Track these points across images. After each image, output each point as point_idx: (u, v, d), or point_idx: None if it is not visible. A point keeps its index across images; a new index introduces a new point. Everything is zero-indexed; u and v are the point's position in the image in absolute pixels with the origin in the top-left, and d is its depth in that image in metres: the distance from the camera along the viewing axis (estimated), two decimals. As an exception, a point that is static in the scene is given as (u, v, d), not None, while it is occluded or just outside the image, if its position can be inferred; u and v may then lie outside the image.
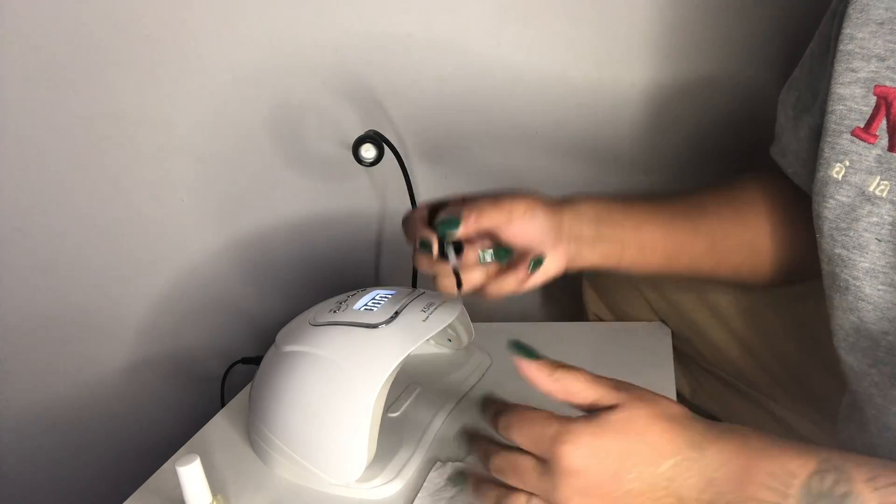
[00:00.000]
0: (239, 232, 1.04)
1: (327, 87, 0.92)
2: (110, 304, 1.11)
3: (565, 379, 0.45)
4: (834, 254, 0.49)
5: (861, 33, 0.47)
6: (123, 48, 0.93)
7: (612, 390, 0.44)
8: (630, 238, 0.59)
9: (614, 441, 0.42)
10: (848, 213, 0.48)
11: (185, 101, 0.95)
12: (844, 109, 0.48)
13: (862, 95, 0.47)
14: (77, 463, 1.24)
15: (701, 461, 0.41)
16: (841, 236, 0.49)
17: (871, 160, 0.46)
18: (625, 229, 0.59)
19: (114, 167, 1.01)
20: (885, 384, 0.49)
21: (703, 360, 0.82)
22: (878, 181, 0.46)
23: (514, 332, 0.83)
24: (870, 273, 0.48)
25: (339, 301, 0.67)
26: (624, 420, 0.42)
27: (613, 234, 0.58)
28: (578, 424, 0.42)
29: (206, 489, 0.55)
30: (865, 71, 0.47)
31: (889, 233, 0.46)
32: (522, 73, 0.87)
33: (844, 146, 0.48)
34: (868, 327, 0.49)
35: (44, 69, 0.96)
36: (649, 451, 0.42)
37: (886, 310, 0.48)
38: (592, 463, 0.41)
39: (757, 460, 0.41)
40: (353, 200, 0.99)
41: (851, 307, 0.50)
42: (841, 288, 0.50)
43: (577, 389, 0.44)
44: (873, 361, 0.49)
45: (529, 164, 0.92)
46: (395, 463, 0.62)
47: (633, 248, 0.59)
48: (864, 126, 0.47)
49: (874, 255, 0.47)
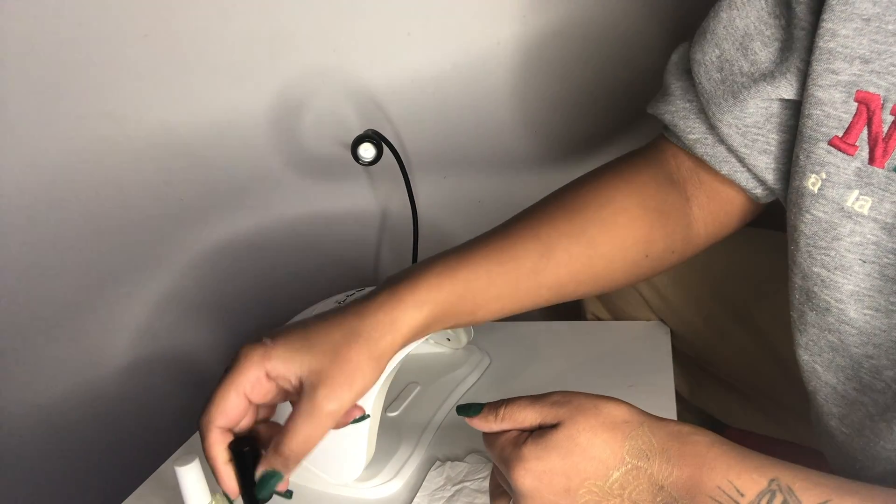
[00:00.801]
0: (238, 232, 1.04)
1: (327, 87, 0.92)
2: (110, 303, 1.11)
3: (510, 413, 0.46)
4: (812, 272, 0.46)
5: (844, 30, 0.41)
6: (123, 48, 0.93)
7: (553, 408, 0.45)
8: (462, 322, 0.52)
9: (559, 461, 0.43)
10: (827, 230, 0.45)
11: (185, 101, 0.95)
12: (821, 115, 0.43)
13: (842, 101, 0.42)
14: (77, 463, 1.24)
15: (648, 469, 0.42)
16: (820, 255, 0.46)
17: (849, 173, 0.43)
18: (459, 318, 0.51)
19: (114, 167, 1.01)
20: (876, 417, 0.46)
21: (701, 359, 0.82)
22: (857, 195, 0.43)
23: (513, 332, 0.84)
24: (854, 296, 0.45)
25: (338, 301, 0.67)
26: (566, 438, 0.43)
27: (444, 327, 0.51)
28: (526, 449, 0.44)
29: (205, 489, 0.55)
30: (847, 73, 0.42)
31: (874, 253, 0.43)
32: (522, 72, 0.87)
33: (821, 156, 0.44)
34: (849, 349, 0.47)
35: (44, 69, 0.96)
36: (595, 464, 0.43)
37: (872, 335, 0.45)
38: (542, 485, 0.43)
39: (707, 472, 0.40)
40: (352, 200, 0.99)
41: (832, 328, 0.47)
42: (819, 308, 0.47)
43: (523, 417, 0.45)
44: (860, 386, 0.47)
45: (529, 164, 0.92)
46: (395, 462, 0.62)
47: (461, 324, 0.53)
48: (842, 135, 0.43)
49: (858, 276, 0.44)
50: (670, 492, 0.42)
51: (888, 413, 0.45)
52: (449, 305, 0.49)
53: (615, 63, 0.85)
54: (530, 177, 0.92)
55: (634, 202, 0.55)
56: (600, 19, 0.83)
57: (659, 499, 0.42)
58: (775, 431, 0.79)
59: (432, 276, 0.49)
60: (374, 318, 0.46)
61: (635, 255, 0.55)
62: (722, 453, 0.41)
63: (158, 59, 0.93)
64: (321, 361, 0.44)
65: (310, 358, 0.45)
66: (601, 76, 0.86)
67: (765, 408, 0.78)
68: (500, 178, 0.93)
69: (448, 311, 0.49)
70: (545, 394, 0.46)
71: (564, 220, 0.54)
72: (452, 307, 0.50)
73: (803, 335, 0.50)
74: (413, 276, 0.49)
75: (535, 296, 0.54)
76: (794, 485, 0.39)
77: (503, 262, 0.52)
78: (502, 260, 0.52)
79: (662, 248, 0.56)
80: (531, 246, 0.52)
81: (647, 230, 0.55)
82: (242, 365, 0.46)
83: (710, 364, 0.81)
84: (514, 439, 0.45)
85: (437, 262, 0.51)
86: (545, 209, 0.55)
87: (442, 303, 0.49)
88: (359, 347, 0.45)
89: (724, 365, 0.80)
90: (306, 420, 0.44)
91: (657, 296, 0.79)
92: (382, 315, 0.47)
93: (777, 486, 0.39)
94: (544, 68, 0.86)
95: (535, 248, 0.52)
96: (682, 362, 0.83)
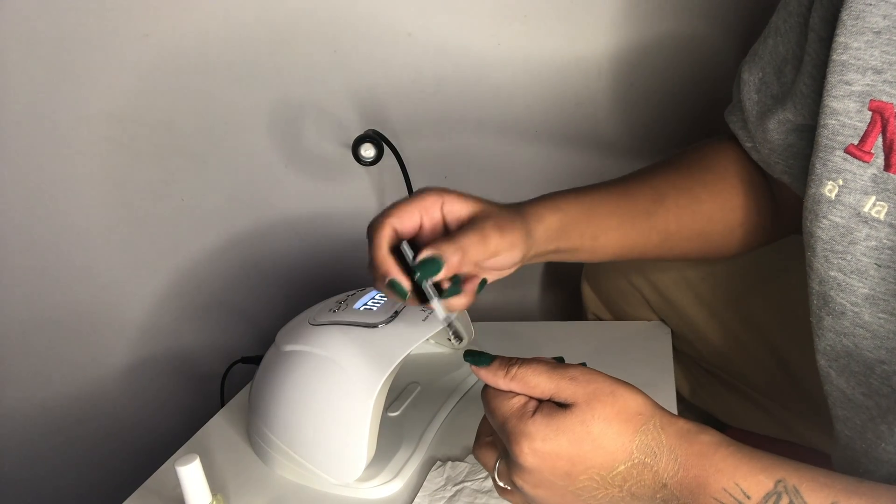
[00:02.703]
0: (239, 232, 1.04)
1: (327, 87, 0.92)
2: (110, 304, 1.11)
3: (522, 375, 0.45)
4: (828, 276, 0.47)
5: (856, 42, 0.43)
6: (123, 48, 0.93)
7: (571, 384, 0.44)
8: (586, 246, 0.59)
9: (568, 446, 0.42)
10: (844, 235, 0.45)
11: (186, 101, 0.95)
12: (837, 124, 0.45)
13: (856, 110, 0.44)
14: (77, 463, 1.24)
15: (654, 466, 0.42)
16: (837, 259, 0.46)
17: (865, 179, 0.44)
18: (583, 239, 0.58)
19: (114, 167, 1.01)
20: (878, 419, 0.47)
21: (702, 359, 0.82)
22: (874, 202, 0.44)
23: (514, 332, 0.84)
24: (869, 300, 0.45)
25: (338, 301, 0.67)
26: (579, 423, 0.42)
27: (571, 245, 0.58)
28: (534, 426, 0.43)
29: (205, 489, 0.55)
30: (860, 84, 0.43)
31: (889, 258, 0.44)
32: (522, 72, 0.87)
33: (837, 164, 0.45)
34: (863, 354, 0.47)
35: (44, 69, 0.96)
36: (603, 455, 0.42)
37: (885, 339, 0.45)
38: (545, 465, 0.43)
39: (713, 473, 0.40)
40: (352, 200, 0.99)
41: (847, 332, 0.47)
42: (835, 312, 0.48)
43: (535, 383, 0.44)
44: (868, 391, 0.48)
45: (529, 163, 0.92)
46: (395, 462, 0.62)
47: (585, 253, 0.60)
48: (857, 143, 0.44)
49: (874, 280, 0.45)
50: (672, 490, 0.41)
51: (889, 415, 0.45)
52: (579, 216, 0.57)
53: (615, 62, 0.85)
54: (531, 177, 0.93)
55: (732, 172, 0.61)
56: (600, 19, 0.83)
57: (659, 496, 0.42)
58: (776, 432, 0.79)
59: (563, 193, 0.58)
60: (526, 209, 0.55)
61: (732, 220, 0.62)
62: (729, 454, 0.41)
63: (158, 59, 0.93)
64: (492, 209, 0.52)
65: (484, 205, 0.52)
66: (601, 75, 0.86)
67: (766, 408, 0.78)
68: (500, 178, 0.93)
69: (577, 222, 0.57)
70: (564, 365, 0.45)
71: (674, 176, 0.62)
72: (580, 223, 0.57)
73: (821, 340, 0.50)
74: (546, 195, 0.58)
75: (647, 239, 0.61)
76: (801, 486, 0.39)
77: (621, 197, 0.60)
78: (620, 196, 0.60)
79: (756, 222, 0.62)
80: (645, 190, 0.61)
81: (743, 199, 0.61)
82: (425, 191, 0.52)
83: (710, 364, 0.81)
84: (520, 410, 0.44)
85: (564, 190, 0.59)
86: (655, 168, 0.63)
87: (573, 213, 0.57)
88: (520, 219, 0.53)
89: (725, 365, 0.80)
90: (473, 233, 0.49)
91: (658, 296, 0.79)
92: (530, 207, 0.56)
93: (783, 488, 0.39)
94: (545, 68, 0.86)
95: (648, 193, 0.61)
96: (682, 362, 0.83)
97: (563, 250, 0.58)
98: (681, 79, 0.84)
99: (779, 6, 0.54)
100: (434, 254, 0.48)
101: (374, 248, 0.50)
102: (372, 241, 0.50)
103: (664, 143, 0.88)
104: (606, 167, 0.91)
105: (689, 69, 0.84)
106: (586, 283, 0.86)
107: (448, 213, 0.52)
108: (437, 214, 0.52)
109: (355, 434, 0.57)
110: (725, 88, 0.62)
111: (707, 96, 0.85)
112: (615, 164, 0.90)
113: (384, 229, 0.50)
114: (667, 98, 0.86)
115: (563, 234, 0.57)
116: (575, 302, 0.90)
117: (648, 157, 0.89)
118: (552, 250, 0.57)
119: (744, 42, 0.81)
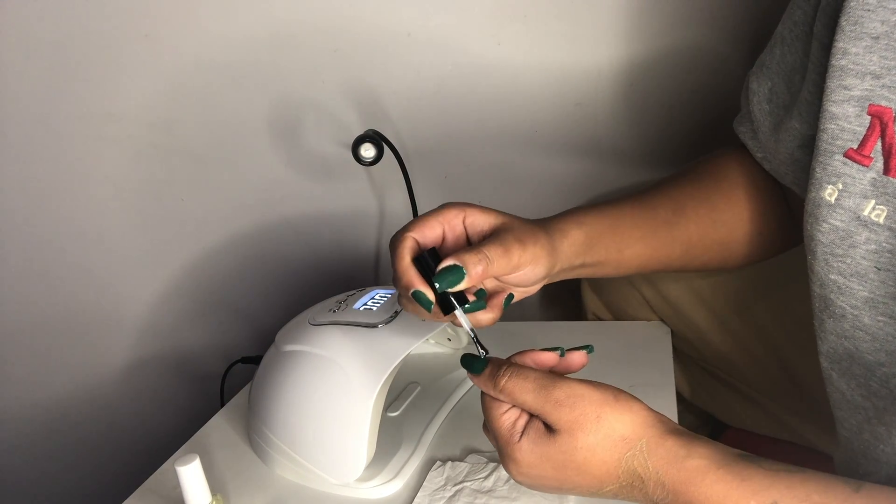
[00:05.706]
0: (238, 232, 1.04)
1: (327, 87, 0.92)
2: (110, 304, 1.11)
3: (510, 389, 0.46)
4: (829, 279, 0.47)
5: (855, 48, 0.44)
6: (123, 48, 0.93)
7: (554, 409, 0.44)
8: (612, 259, 0.60)
9: (553, 472, 0.45)
10: (844, 238, 0.46)
11: (185, 101, 0.95)
12: (836, 129, 0.45)
13: (855, 115, 0.44)
14: (77, 463, 1.24)
15: (643, 488, 0.43)
16: (837, 262, 0.47)
17: (865, 183, 0.44)
18: (609, 252, 0.59)
19: (114, 167, 1.01)
20: (874, 420, 0.47)
21: (702, 359, 0.82)
22: (874, 205, 0.44)
23: (514, 332, 0.83)
24: (869, 303, 0.46)
25: (338, 301, 0.67)
26: (561, 453, 0.44)
27: (597, 259, 0.59)
28: (520, 452, 0.45)
29: (205, 489, 0.55)
30: (859, 89, 0.44)
31: (889, 261, 0.44)
32: (522, 72, 0.87)
33: (837, 168, 0.45)
34: (863, 356, 0.47)
35: (44, 69, 0.96)
36: (589, 479, 0.44)
37: (885, 341, 0.45)
38: (534, 483, 0.46)
39: (703, 499, 0.41)
40: (352, 200, 0.99)
41: (847, 335, 0.48)
42: (836, 315, 0.48)
43: (521, 400, 0.46)
44: (867, 392, 0.48)
45: (529, 163, 0.92)
46: (395, 462, 0.62)
47: (610, 267, 0.60)
48: (857, 147, 0.44)
49: (873, 283, 0.45)
50: None
51: (886, 417, 0.46)
52: (603, 230, 0.58)
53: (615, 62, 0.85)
54: (530, 177, 0.92)
55: (748, 180, 0.62)
56: (600, 19, 0.83)
57: None
58: (777, 432, 0.79)
59: (585, 208, 0.59)
60: (549, 224, 0.56)
61: (752, 228, 0.62)
62: (718, 479, 0.41)
63: (158, 59, 0.93)
64: (514, 223, 0.52)
65: (506, 218, 0.53)
66: (601, 76, 0.86)
67: (766, 408, 0.78)
68: (500, 179, 0.93)
69: (602, 235, 0.58)
70: (551, 382, 0.45)
71: (691, 187, 0.63)
72: (604, 236, 0.58)
73: (824, 343, 0.50)
74: (568, 210, 0.59)
75: (670, 250, 0.61)
76: None
77: (642, 209, 0.61)
78: (641, 208, 0.61)
79: (775, 228, 0.63)
80: (665, 202, 0.62)
81: (761, 206, 0.62)
82: (447, 205, 0.52)
83: (710, 364, 0.81)
84: (509, 430, 0.46)
85: (584, 205, 0.60)
86: (672, 180, 0.64)
87: (597, 227, 0.58)
88: (544, 234, 0.53)
89: (725, 365, 0.80)
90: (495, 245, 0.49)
91: (658, 296, 0.79)
92: (553, 223, 0.56)
93: None
94: (545, 68, 0.86)
95: (668, 204, 0.61)
96: (682, 362, 0.83)
97: (590, 264, 0.58)
98: (680, 79, 0.84)
99: (784, 16, 0.55)
100: (455, 262, 0.48)
101: (396, 259, 0.50)
102: (394, 253, 0.50)
103: (664, 142, 0.88)
104: (606, 167, 0.91)
105: (689, 69, 0.84)
106: (586, 283, 0.86)
107: (470, 225, 0.52)
108: (459, 227, 0.52)
109: (355, 434, 0.57)
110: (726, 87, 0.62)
111: (707, 97, 0.84)
112: (615, 165, 0.90)
113: (406, 241, 0.50)
114: (667, 98, 0.85)
115: (589, 249, 0.57)
116: (575, 302, 0.90)
117: (648, 156, 0.89)
118: (579, 265, 0.57)
119: (744, 43, 0.81)
